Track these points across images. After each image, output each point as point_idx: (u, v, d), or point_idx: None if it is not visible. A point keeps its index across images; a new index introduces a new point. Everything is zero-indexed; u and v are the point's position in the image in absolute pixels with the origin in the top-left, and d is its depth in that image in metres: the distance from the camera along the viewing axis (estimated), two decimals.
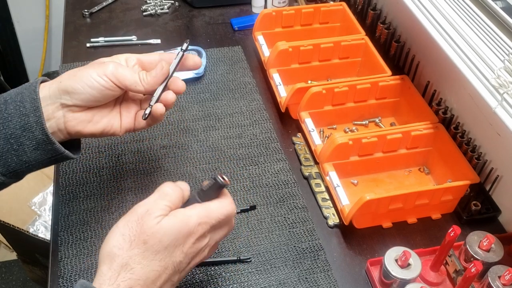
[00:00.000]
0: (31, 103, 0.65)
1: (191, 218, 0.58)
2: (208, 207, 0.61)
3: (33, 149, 0.66)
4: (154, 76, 0.68)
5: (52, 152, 0.67)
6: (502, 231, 0.85)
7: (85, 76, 0.66)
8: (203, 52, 1.13)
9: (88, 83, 0.66)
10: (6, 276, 1.80)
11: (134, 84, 0.68)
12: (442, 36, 0.84)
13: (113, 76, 0.66)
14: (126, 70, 0.68)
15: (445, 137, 0.89)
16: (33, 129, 0.65)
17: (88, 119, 0.69)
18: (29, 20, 2.15)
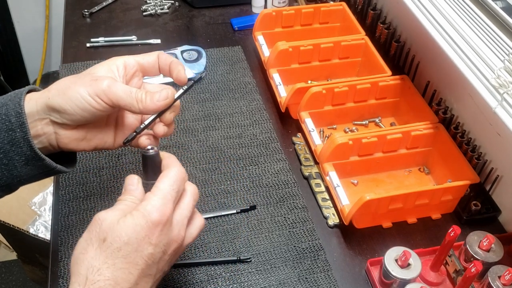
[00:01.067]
0: (16, 118, 0.60)
1: (146, 209, 0.57)
2: (158, 190, 0.59)
3: (23, 164, 0.63)
4: (155, 103, 0.62)
5: (43, 168, 0.64)
6: (502, 231, 0.85)
7: (74, 96, 0.60)
8: (203, 52, 1.13)
9: (78, 104, 0.60)
10: (6, 276, 1.80)
11: (129, 105, 0.61)
12: (442, 36, 0.84)
13: (105, 97, 0.60)
14: (121, 89, 0.61)
15: (445, 137, 0.89)
16: (21, 145, 0.61)
17: (81, 137, 0.65)
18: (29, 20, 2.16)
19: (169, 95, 0.62)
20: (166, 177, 0.60)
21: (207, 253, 0.79)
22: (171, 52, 1.13)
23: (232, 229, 0.83)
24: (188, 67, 1.09)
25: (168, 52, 1.13)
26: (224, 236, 0.82)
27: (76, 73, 1.11)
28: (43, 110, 0.61)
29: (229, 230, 0.82)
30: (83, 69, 1.10)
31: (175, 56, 1.11)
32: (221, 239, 0.81)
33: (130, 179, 0.62)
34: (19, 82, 2.26)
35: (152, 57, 0.67)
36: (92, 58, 1.15)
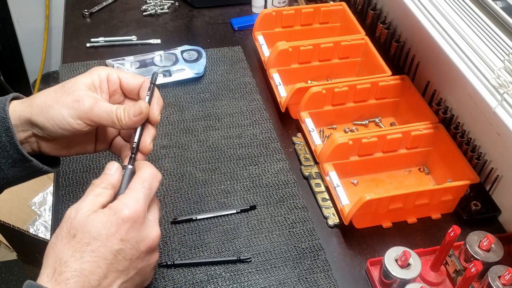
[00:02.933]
0: (1, 123, 0.62)
1: (117, 207, 0.58)
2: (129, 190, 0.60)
3: (10, 167, 0.64)
4: (132, 119, 0.63)
5: (30, 168, 0.65)
6: (502, 231, 0.85)
7: (56, 116, 0.61)
8: (203, 52, 1.13)
9: (60, 124, 0.62)
10: (6, 276, 1.80)
11: (111, 124, 0.63)
12: (442, 36, 0.84)
13: (87, 119, 0.62)
14: (102, 109, 0.62)
15: (445, 137, 0.89)
16: (7, 148, 0.63)
17: (62, 147, 0.67)
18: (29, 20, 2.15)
19: (142, 109, 0.63)
20: (137, 178, 0.61)
21: (207, 253, 0.79)
22: (171, 52, 1.13)
23: (232, 229, 0.83)
24: (188, 67, 1.09)
25: (168, 52, 1.13)
26: (224, 236, 0.82)
27: (76, 73, 1.12)
28: (26, 124, 0.63)
29: (229, 230, 0.82)
30: (83, 69, 1.11)
31: (175, 56, 1.12)
32: (221, 239, 0.81)
33: (109, 164, 0.62)
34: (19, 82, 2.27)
35: (136, 82, 0.67)
36: (92, 58, 1.15)
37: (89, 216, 0.56)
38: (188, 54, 1.12)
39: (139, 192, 0.59)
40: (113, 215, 0.57)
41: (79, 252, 0.55)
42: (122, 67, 1.08)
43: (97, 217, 0.57)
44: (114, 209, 0.57)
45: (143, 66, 1.09)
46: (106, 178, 0.61)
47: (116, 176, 0.61)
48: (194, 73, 1.08)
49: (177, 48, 1.14)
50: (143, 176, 0.61)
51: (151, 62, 1.10)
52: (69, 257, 0.55)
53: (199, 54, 1.12)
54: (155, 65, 1.09)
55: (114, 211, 0.57)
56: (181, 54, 1.12)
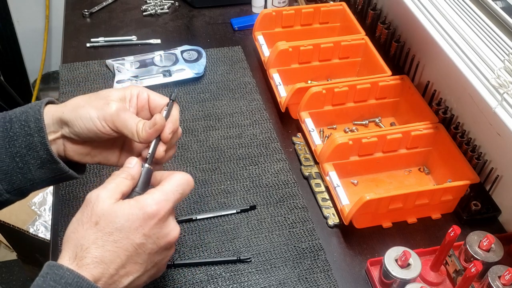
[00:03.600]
0: (35, 123, 0.65)
1: (146, 201, 0.59)
2: (162, 187, 0.61)
3: (38, 168, 0.66)
4: (147, 131, 0.65)
5: (57, 171, 0.67)
6: (502, 231, 0.85)
7: (84, 116, 0.65)
8: (203, 52, 1.13)
9: (86, 124, 0.65)
10: (6, 276, 1.80)
11: (131, 135, 0.66)
12: (442, 36, 0.84)
13: (112, 123, 0.65)
14: (128, 118, 0.66)
15: (445, 137, 0.89)
16: (38, 149, 0.65)
17: (86, 152, 0.69)
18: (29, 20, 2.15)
19: (156, 121, 0.65)
20: (173, 179, 0.62)
21: (207, 253, 0.79)
22: (171, 52, 1.13)
23: (232, 229, 0.83)
24: (188, 67, 1.09)
25: (168, 52, 1.13)
26: (224, 236, 0.82)
27: (76, 73, 1.13)
28: (57, 123, 0.66)
29: (229, 230, 0.82)
30: (83, 69, 1.11)
31: (175, 56, 1.12)
32: (221, 239, 0.81)
33: (129, 159, 0.64)
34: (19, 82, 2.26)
35: (162, 101, 0.69)
36: (92, 58, 1.15)
37: (114, 206, 0.57)
38: (188, 54, 1.12)
39: (171, 194, 0.61)
40: (139, 208, 0.58)
41: (101, 240, 0.56)
42: (122, 67, 1.08)
43: (123, 208, 0.57)
44: (142, 203, 0.58)
45: (143, 66, 1.09)
46: (126, 170, 0.63)
47: (136, 169, 0.63)
48: (194, 73, 1.08)
49: (177, 48, 1.14)
50: (180, 180, 0.62)
51: (151, 62, 1.10)
52: (91, 244, 0.56)
53: (199, 54, 1.12)
54: (155, 65, 1.10)
55: (141, 204, 0.58)
56: (181, 54, 1.12)
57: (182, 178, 0.63)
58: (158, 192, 0.60)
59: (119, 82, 1.03)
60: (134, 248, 0.58)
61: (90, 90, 1.05)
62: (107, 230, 0.56)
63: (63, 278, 0.54)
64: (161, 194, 0.60)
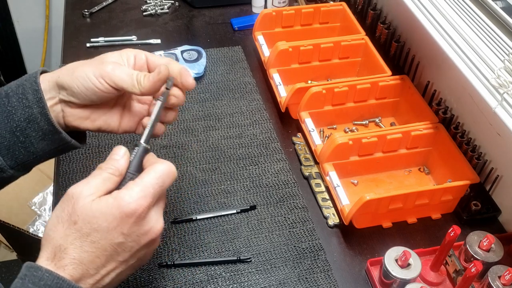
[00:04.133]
0: (33, 95, 0.64)
1: (123, 199, 0.56)
2: (141, 181, 0.58)
3: (40, 140, 0.65)
4: (150, 80, 0.63)
5: (59, 142, 0.66)
6: (502, 231, 0.85)
7: (81, 75, 0.63)
8: (203, 52, 1.13)
9: (84, 83, 0.63)
10: (6, 276, 1.80)
11: (131, 87, 0.64)
12: (442, 36, 0.84)
13: (109, 79, 0.63)
14: (124, 72, 0.64)
15: (445, 137, 0.89)
16: (38, 120, 0.64)
17: (86, 116, 0.67)
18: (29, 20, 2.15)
19: (161, 70, 0.63)
20: (152, 170, 0.59)
21: (207, 253, 0.79)
22: (171, 52, 1.13)
23: (232, 229, 0.83)
24: (188, 67, 1.09)
25: (168, 52, 1.13)
26: (224, 236, 0.82)
27: None
28: (54, 89, 0.65)
29: (229, 230, 0.82)
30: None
31: (175, 56, 1.12)
32: (221, 239, 0.81)
33: (116, 149, 0.61)
34: None
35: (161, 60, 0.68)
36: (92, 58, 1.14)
37: (92, 204, 0.55)
38: (188, 54, 1.12)
39: (150, 188, 0.58)
40: (116, 208, 0.56)
41: (79, 241, 0.55)
42: None
43: (100, 207, 0.55)
44: (119, 201, 0.56)
45: None
46: (113, 163, 0.60)
47: (123, 162, 0.60)
48: (194, 73, 1.08)
49: (177, 48, 1.14)
50: (159, 171, 0.59)
51: None
52: (69, 245, 0.55)
53: (199, 54, 1.12)
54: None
55: (118, 203, 0.56)
56: (181, 54, 1.12)
57: (163, 169, 0.60)
58: (136, 187, 0.57)
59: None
60: (113, 247, 0.56)
61: None
62: (84, 230, 0.55)
63: (42, 280, 0.53)
64: (139, 189, 0.57)
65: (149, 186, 0.58)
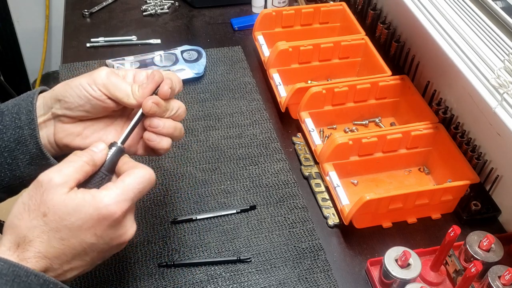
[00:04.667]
0: (27, 115, 0.63)
1: (102, 200, 0.53)
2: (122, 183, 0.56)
3: (27, 164, 0.63)
4: (145, 88, 0.62)
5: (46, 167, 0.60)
6: (502, 231, 0.85)
7: (75, 84, 0.62)
8: (203, 52, 1.13)
9: (77, 91, 0.62)
10: None
11: (126, 97, 0.62)
12: (442, 36, 0.84)
13: (103, 86, 0.62)
14: (119, 80, 0.63)
15: (445, 137, 0.89)
16: (27, 143, 0.63)
17: (77, 133, 0.65)
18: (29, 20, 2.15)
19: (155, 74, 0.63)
20: (134, 174, 0.57)
21: (207, 253, 0.79)
22: (171, 52, 1.13)
23: (232, 229, 0.83)
24: (188, 67, 1.09)
25: (168, 52, 1.13)
26: (224, 236, 0.82)
27: (76, 73, 1.12)
28: (48, 104, 0.64)
29: (229, 230, 0.82)
30: (83, 69, 1.11)
31: (175, 56, 1.12)
32: (221, 239, 0.81)
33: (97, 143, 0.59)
34: (19, 82, 2.26)
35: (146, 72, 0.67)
36: (92, 58, 1.15)
37: (66, 198, 0.52)
38: (188, 54, 1.12)
39: (130, 193, 0.55)
40: (94, 208, 0.53)
41: (46, 235, 0.52)
42: (122, 67, 1.08)
43: (76, 203, 0.52)
44: (97, 201, 0.53)
45: (143, 66, 1.09)
46: (90, 153, 0.57)
47: (100, 156, 0.58)
48: (194, 73, 1.08)
49: (177, 48, 1.14)
50: (140, 176, 0.57)
51: (151, 62, 1.10)
52: (35, 237, 0.52)
53: (199, 54, 1.12)
54: (155, 65, 1.09)
55: (96, 202, 0.53)
56: (181, 54, 1.12)
57: (144, 175, 0.57)
58: (117, 190, 0.55)
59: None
60: (83, 247, 0.54)
61: None
62: (54, 225, 0.52)
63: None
64: (120, 192, 0.55)
65: (129, 190, 0.56)
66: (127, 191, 0.55)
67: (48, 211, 0.52)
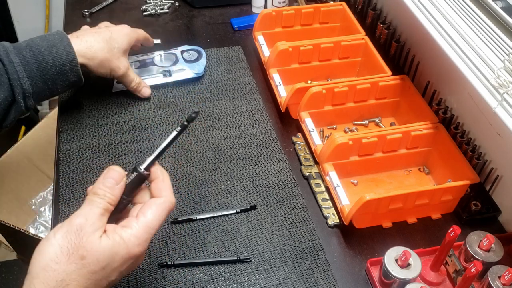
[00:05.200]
0: (67, 56, 0.85)
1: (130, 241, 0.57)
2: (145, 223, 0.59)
3: (65, 87, 0.88)
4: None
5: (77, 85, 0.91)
6: (502, 231, 0.85)
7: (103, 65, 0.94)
8: (203, 52, 1.13)
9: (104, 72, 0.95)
10: (6, 276, 1.80)
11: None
12: (442, 36, 0.84)
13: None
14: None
15: (445, 137, 0.89)
16: (68, 74, 0.86)
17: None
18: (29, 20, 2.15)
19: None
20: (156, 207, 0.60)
21: (207, 253, 0.79)
22: (171, 52, 1.13)
23: (232, 229, 0.83)
24: (188, 67, 1.09)
25: (168, 52, 1.13)
26: (224, 236, 0.82)
27: None
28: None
29: (229, 230, 0.82)
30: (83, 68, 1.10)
31: (175, 56, 1.12)
32: (221, 239, 0.81)
33: (112, 172, 0.60)
34: None
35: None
36: None
37: (101, 241, 0.56)
38: (188, 54, 1.12)
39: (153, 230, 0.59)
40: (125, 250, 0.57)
41: (84, 278, 0.54)
42: None
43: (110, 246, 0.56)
44: (127, 243, 0.57)
45: (143, 66, 1.09)
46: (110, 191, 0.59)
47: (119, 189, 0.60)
48: (194, 73, 1.08)
49: (177, 48, 1.14)
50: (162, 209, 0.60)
51: (151, 62, 1.10)
52: (72, 281, 0.54)
53: (199, 54, 1.12)
54: (155, 65, 1.10)
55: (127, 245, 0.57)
56: (181, 54, 1.12)
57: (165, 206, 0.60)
58: (141, 229, 0.58)
59: (119, 82, 1.03)
60: (107, 282, 0.57)
61: (90, 90, 1.05)
62: (92, 268, 0.55)
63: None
64: (144, 231, 0.58)
65: (152, 228, 0.59)
66: (150, 228, 0.59)
67: (86, 254, 0.55)
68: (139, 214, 0.59)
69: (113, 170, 0.60)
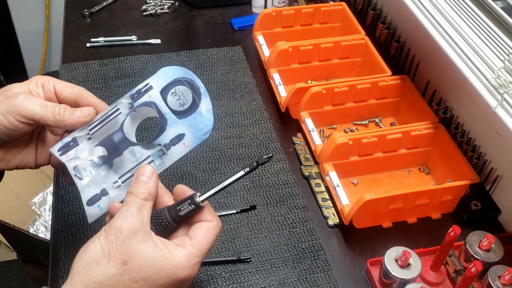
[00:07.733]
0: None
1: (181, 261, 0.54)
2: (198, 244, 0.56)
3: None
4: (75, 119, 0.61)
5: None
6: (502, 231, 0.85)
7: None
8: (198, 83, 0.64)
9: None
10: (6, 276, 1.80)
11: (44, 119, 0.60)
12: (442, 36, 0.84)
13: (18, 114, 0.59)
14: (35, 102, 0.60)
15: (445, 137, 0.89)
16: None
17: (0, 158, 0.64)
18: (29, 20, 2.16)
19: (90, 113, 0.62)
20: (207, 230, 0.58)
21: None
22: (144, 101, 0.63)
23: (232, 229, 0.83)
24: (187, 125, 0.64)
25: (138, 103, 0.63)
26: (224, 236, 0.82)
27: (76, 73, 1.12)
28: None
29: (229, 230, 0.82)
30: (83, 69, 1.11)
31: (155, 106, 0.63)
32: (221, 239, 0.81)
33: (142, 169, 0.59)
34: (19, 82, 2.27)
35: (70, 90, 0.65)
36: (92, 58, 1.15)
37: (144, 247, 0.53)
38: (176, 96, 0.64)
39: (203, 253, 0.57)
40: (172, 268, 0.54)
41: (122, 284, 0.52)
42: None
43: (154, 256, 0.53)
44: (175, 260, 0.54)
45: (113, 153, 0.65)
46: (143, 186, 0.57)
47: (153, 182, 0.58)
48: (202, 134, 0.65)
49: (151, 87, 0.63)
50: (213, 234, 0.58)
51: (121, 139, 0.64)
52: (111, 285, 0.52)
53: (194, 90, 0.64)
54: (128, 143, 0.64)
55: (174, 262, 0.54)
56: (165, 100, 0.63)
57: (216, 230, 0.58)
58: (193, 250, 0.56)
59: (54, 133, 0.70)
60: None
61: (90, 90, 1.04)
62: (134, 275, 0.52)
63: None
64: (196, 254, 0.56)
65: (203, 251, 0.57)
66: (201, 252, 0.56)
67: (129, 260, 0.52)
68: (193, 236, 0.57)
69: (144, 167, 0.59)
